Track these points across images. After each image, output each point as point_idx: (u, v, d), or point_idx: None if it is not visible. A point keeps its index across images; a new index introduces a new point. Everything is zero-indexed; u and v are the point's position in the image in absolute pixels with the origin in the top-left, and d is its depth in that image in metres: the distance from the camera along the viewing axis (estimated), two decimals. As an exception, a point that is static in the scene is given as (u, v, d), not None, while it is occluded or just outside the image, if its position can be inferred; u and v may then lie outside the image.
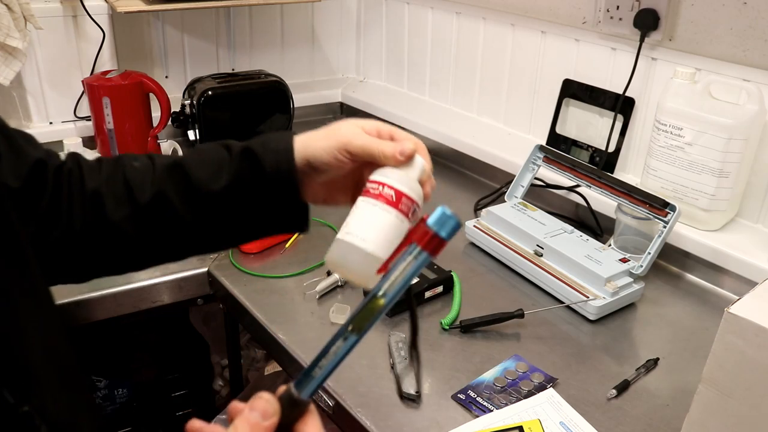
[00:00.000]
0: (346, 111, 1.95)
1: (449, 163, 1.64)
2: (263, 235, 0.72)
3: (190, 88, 1.63)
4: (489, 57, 1.61)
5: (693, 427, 0.70)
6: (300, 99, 1.74)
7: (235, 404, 0.52)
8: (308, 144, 0.67)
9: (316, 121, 1.90)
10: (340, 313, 1.05)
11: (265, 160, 0.66)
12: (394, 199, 0.56)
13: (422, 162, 0.62)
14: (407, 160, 0.60)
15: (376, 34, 1.93)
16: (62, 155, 0.71)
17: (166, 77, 1.75)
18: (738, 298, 0.64)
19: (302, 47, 1.94)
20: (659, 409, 0.89)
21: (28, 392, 0.52)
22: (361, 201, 0.58)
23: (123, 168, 0.69)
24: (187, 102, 1.61)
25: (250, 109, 1.63)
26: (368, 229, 0.55)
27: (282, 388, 0.51)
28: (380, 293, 0.48)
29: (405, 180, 0.58)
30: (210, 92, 1.56)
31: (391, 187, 0.57)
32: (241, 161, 0.67)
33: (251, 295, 1.11)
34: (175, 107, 1.61)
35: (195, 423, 0.53)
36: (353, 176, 0.68)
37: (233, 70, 1.82)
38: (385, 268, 0.50)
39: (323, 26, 1.94)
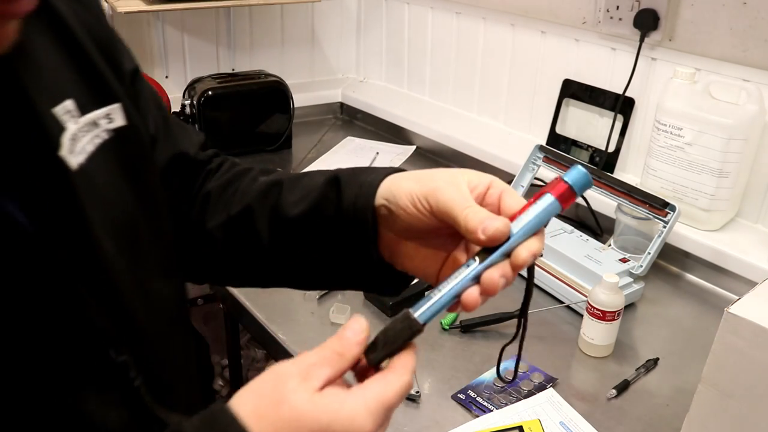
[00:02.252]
0: (346, 111, 1.95)
1: (449, 163, 1.64)
2: (339, 284, 0.64)
3: (190, 88, 1.63)
4: (489, 57, 1.61)
5: (693, 427, 0.70)
6: (300, 99, 1.74)
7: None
8: (396, 181, 0.54)
9: (316, 121, 1.90)
10: (340, 313, 1.05)
11: (346, 192, 0.56)
12: None
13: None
14: (490, 242, 0.48)
15: (376, 34, 1.93)
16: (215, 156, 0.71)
17: (166, 77, 1.75)
18: (738, 298, 0.64)
19: (302, 47, 1.94)
20: (659, 409, 0.89)
21: (129, 342, 0.49)
22: None
23: (243, 177, 0.66)
24: (187, 102, 1.61)
25: (250, 109, 1.63)
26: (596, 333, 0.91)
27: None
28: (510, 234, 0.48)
29: None
30: (210, 92, 1.56)
31: None
32: (326, 189, 0.58)
33: (251, 294, 1.11)
34: (175, 107, 1.62)
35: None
36: (446, 247, 0.55)
37: (233, 70, 1.82)
38: (515, 216, 0.49)
39: (323, 26, 1.94)
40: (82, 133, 0.48)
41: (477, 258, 0.47)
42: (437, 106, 1.80)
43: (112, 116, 0.52)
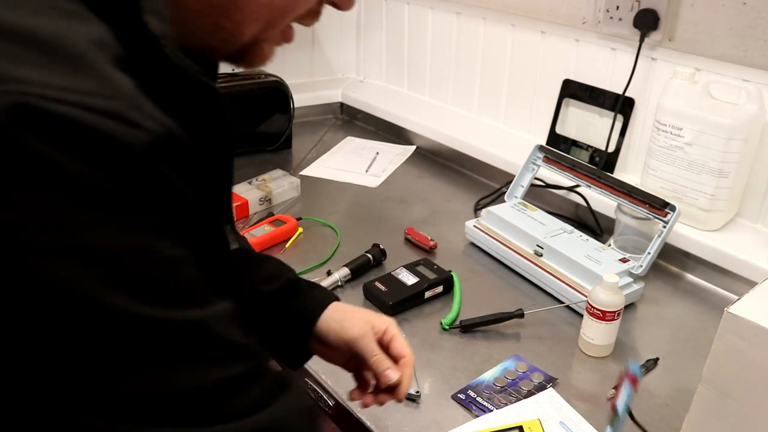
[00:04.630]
0: (346, 111, 1.95)
1: (449, 163, 1.64)
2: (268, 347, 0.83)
3: (190, 88, 1.63)
4: (489, 57, 1.61)
5: (693, 427, 0.70)
6: (300, 99, 1.74)
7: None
8: (327, 324, 0.77)
9: (316, 121, 1.90)
10: (340, 313, 1.05)
11: (301, 296, 0.79)
12: None
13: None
14: (385, 385, 0.74)
15: (376, 34, 1.93)
16: None
17: (166, 77, 1.75)
18: (738, 298, 0.64)
19: (302, 47, 1.94)
20: (659, 409, 0.89)
21: None
22: None
23: None
24: (187, 102, 1.61)
25: (250, 109, 1.63)
26: (596, 333, 1.00)
27: None
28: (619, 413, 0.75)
29: None
30: (210, 92, 1.56)
31: None
32: (289, 284, 0.79)
33: (251, 295, 1.11)
34: (175, 107, 1.61)
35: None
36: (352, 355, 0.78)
37: (233, 70, 1.82)
38: (614, 400, 0.76)
39: (323, 26, 1.94)
40: None
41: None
42: (437, 106, 1.80)
43: None
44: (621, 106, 1.33)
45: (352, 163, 1.64)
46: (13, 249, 0.32)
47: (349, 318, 0.77)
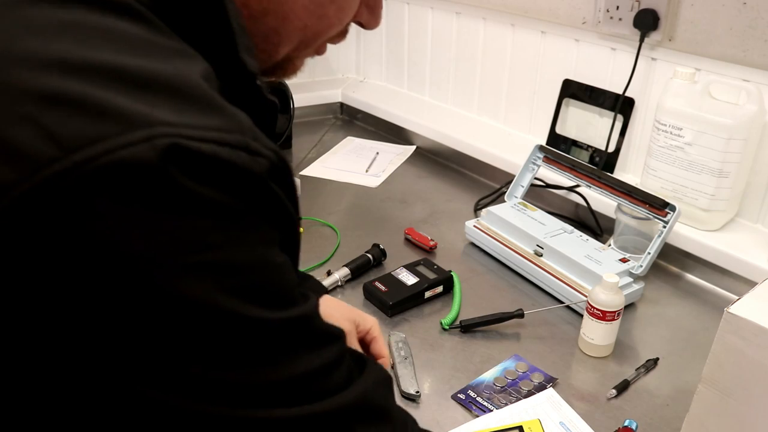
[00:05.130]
0: (346, 111, 1.95)
1: (449, 163, 1.64)
2: None
3: (190, 88, 1.63)
4: (489, 57, 1.61)
5: (693, 427, 0.70)
6: (300, 99, 1.74)
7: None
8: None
9: (316, 121, 1.90)
10: (340, 313, 1.05)
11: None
12: None
13: None
14: None
15: (376, 34, 1.93)
16: None
17: (166, 77, 1.75)
18: (738, 298, 0.64)
19: (302, 47, 1.93)
20: (659, 409, 0.89)
21: None
22: None
23: None
24: (187, 102, 1.61)
25: (250, 109, 1.63)
26: (596, 333, 1.01)
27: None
28: None
29: None
30: (210, 92, 1.56)
31: None
32: None
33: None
34: (175, 107, 1.61)
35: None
36: None
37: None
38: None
39: (323, 26, 1.94)
40: None
41: None
42: (437, 106, 1.80)
43: None
44: (621, 106, 1.33)
45: (352, 163, 1.64)
46: (156, 268, 0.36)
47: (336, 314, 0.81)
